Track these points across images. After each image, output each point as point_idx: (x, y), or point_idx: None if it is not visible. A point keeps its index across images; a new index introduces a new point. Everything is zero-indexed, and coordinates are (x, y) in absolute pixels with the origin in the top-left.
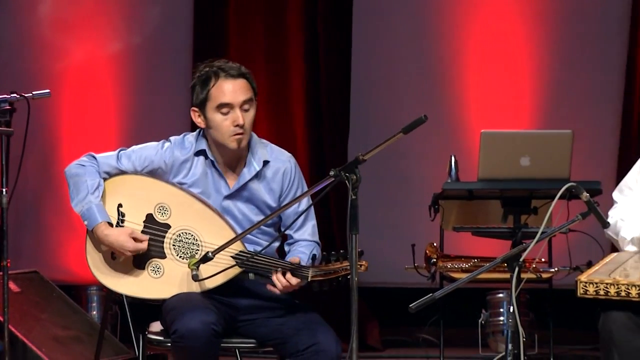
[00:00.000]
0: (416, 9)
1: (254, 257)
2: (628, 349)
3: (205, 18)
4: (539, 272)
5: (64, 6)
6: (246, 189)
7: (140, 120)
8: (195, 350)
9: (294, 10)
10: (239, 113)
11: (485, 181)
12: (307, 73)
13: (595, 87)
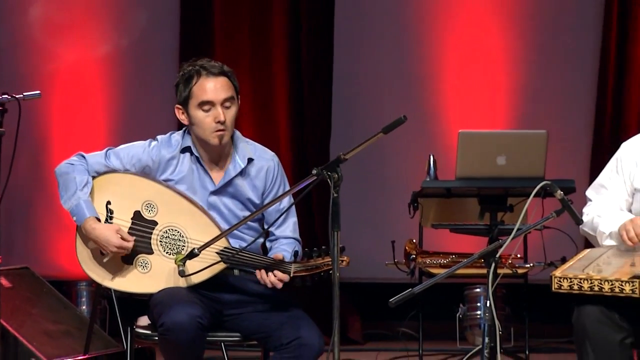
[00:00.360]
0: (397, 14)
1: (238, 253)
2: (601, 342)
3: (191, 22)
4: (515, 267)
5: (54, 10)
6: (231, 185)
7: (128, 120)
8: (182, 343)
9: (277, 14)
10: (220, 110)
11: (463, 180)
12: (290, 75)
13: (568, 88)
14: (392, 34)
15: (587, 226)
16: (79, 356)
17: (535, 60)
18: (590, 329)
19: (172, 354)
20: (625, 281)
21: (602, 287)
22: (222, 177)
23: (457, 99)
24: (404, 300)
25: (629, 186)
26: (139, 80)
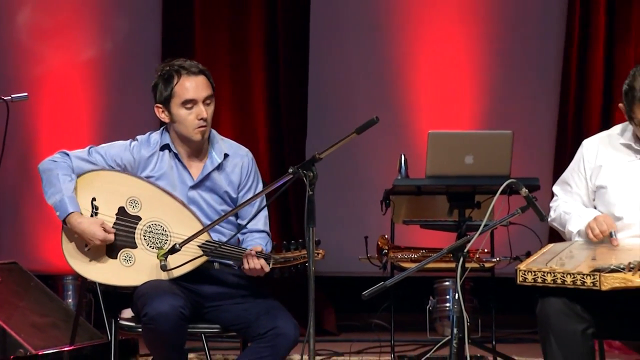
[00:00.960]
0: (370, 21)
1: (220, 246)
2: (563, 332)
3: (172, 27)
4: (482, 261)
5: (41, 16)
6: (209, 179)
7: (112, 120)
8: (164, 332)
9: (255, 21)
10: (202, 107)
11: (433, 178)
12: (267, 78)
13: (533, 90)
14: (365, 40)
15: (557, 222)
16: (64, 347)
17: (501, 65)
18: (554, 320)
19: (155, 344)
20: (586, 274)
21: (564, 280)
22: (200, 172)
23: (427, 101)
24: (376, 293)
25: (591, 184)
26: (122, 83)
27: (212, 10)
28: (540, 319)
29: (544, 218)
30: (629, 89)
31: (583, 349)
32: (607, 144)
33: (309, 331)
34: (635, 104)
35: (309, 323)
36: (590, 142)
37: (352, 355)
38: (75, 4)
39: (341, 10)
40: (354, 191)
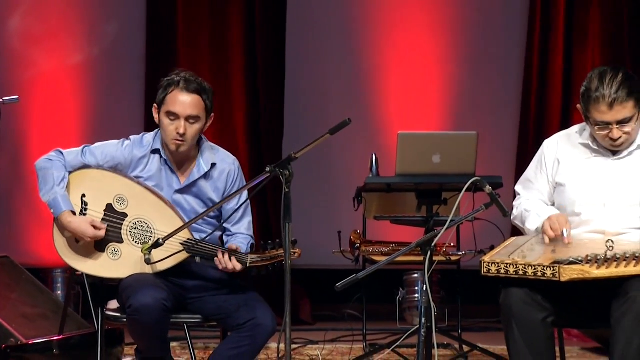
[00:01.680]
0: (343, 27)
1: (199, 243)
2: (525, 320)
3: (156, 33)
4: (449, 255)
5: (31, 22)
6: (195, 185)
7: (99, 122)
8: (148, 322)
9: (235, 26)
10: (183, 123)
11: (402, 176)
12: (246, 82)
13: (496, 93)
14: (339, 45)
15: (517, 219)
16: (54, 336)
17: (466, 69)
18: (516, 309)
19: (139, 334)
20: (546, 266)
21: (526, 271)
22: (187, 178)
23: (397, 104)
24: (349, 285)
25: (552, 181)
26: (109, 86)
27: (194, 18)
28: (503, 308)
29: (507, 214)
30: (586, 90)
31: (543, 336)
32: (566, 143)
33: (285, 321)
34: (591, 104)
35: (286, 313)
36: (551, 142)
37: (326, 344)
38: (64, 11)
39: (316, 18)
40: (328, 188)
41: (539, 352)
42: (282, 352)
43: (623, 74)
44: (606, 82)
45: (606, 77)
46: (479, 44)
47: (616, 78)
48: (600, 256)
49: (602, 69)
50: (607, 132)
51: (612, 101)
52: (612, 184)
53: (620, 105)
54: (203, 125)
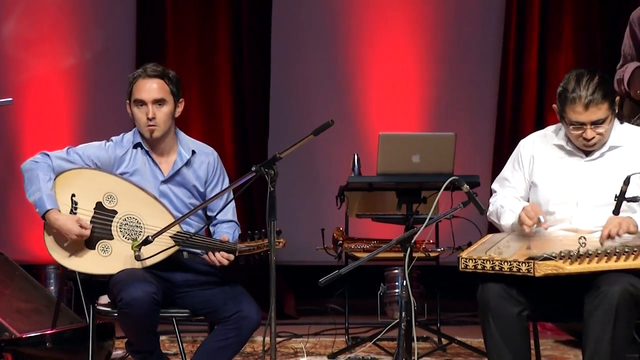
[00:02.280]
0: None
1: (191, 237)
2: (501, 314)
3: (146, 37)
4: (428, 251)
5: (25, 27)
6: (179, 174)
7: (90, 124)
8: (138, 316)
9: (222, 30)
10: (151, 108)
11: (383, 175)
12: (233, 84)
13: (473, 95)
14: (322, 50)
15: (493, 215)
16: (47, 330)
17: (445, 72)
18: (492, 304)
19: (129, 327)
20: (521, 262)
21: (502, 267)
22: (170, 168)
23: (378, 106)
24: (332, 280)
25: (528, 179)
26: (100, 89)
27: (182, 23)
28: (480, 302)
29: (484, 212)
30: (563, 91)
31: (519, 329)
32: (542, 143)
33: (270, 315)
34: (567, 105)
35: (271, 307)
36: (527, 141)
37: (310, 337)
38: (57, 16)
39: (300, 23)
40: (312, 187)
41: (515, 345)
42: (267, 345)
43: (599, 76)
44: (583, 84)
45: (583, 79)
46: (457, 48)
47: (592, 80)
48: (573, 252)
49: (579, 71)
50: (581, 132)
51: (587, 102)
52: (584, 184)
53: (595, 107)
54: (172, 109)
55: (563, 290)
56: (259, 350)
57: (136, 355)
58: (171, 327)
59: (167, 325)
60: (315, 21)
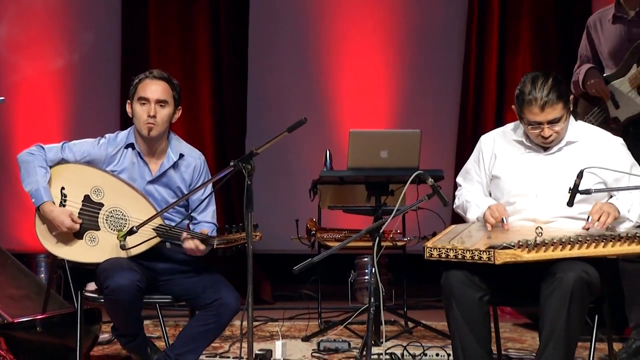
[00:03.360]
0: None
1: (171, 229)
2: (463, 299)
3: (130, 40)
4: (395, 241)
5: (16, 31)
6: (165, 176)
7: (78, 121)
8: (123, 302)
9: (202, 35)
10: (153, 106)
11: (353, 170)
12: (212, 84)
13: (438, 94)
14: (296, 52)
15: (460, 208)
16: (37, 315)
17: (410, 73)
18: (455, 289)
19: (115, 312)
20: (482, 251)
21: (464, 255)
22: (158, 169)
23: (348, 104)
24: (305, 268)
25: (488, 173)
26: (87, 89)
27: (164, 27)
28: (444, 288)
29: (447, 203)
30: (520, 93)
31: (480, 313)
32: (502, 139)
33: (248, 300)
34: (525, 106)
35: (248, 294)
36: (487, 138)
37: (285, 321)
38: (46, 20)
39: (276, 28)
40: (287, 181)
41: (476, 328)
42: (244, 328)
43: (553, 78)
44: (538, 86)
45: (538, 81)
46: (422, 50)
47: (547, 82)
48: (531, 241)
49: (534, 73)
50: (539, 131)
51: (543, 103)
52: (543, 177)
53: (550, 107)
54: (171, 112)
55: (521, 277)
56: (238, 334)
57: (121, 338)
58: (155, 312)
59: (151, 310)
60: (289, 27)
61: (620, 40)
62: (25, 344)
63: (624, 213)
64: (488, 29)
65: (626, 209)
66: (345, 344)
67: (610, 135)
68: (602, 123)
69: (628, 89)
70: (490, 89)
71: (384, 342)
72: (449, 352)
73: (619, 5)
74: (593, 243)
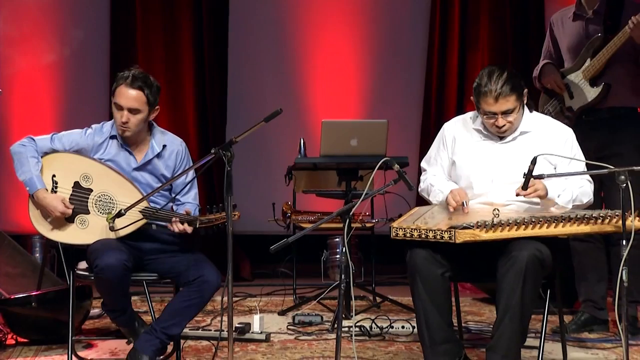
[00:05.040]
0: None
1: (156, 212)
2: (427, 276)
3: (118, 36)
4: (364, 222)
5: (10, 27)
6: (150, 164)
7: (69, 113)
8: (112, 280)
9: (185, 32)
10: (125, 113)
11: (326, 157)
12: (195, 78)
13: (403, 86)
14: (272, 47)
15: (424, 191)
16: (33, 292)
17: (378, 66)
18: (419, 266)
19: (104, 289)
20: (444, 230)
21: (427, 235)
22: (143, 157)
23: (321, 96)
24: (281, 248)
25: (450, 157)
26: (78, 82)
27: (150, 23)
28: (409, 265)
29: (412, 188)
30: (477, 86)
31: (442, 289)
32: (462, 127)
33: (228, 278)
34: (481, 98)
35: (228, 271)
36: (449, 125)
37: (263, 297)
38: (39, 18)
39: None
40: (264, 167)
41: (439, 302)
42: (225, 303)
43: (507, 72)
44: (493, 79)
45: (493, 75)
46: (389, 47)
47: (501, 76)
48: (488, 222)
49: (490, 67)
50: (493, 121)
51: (497, 95)
52: (498, 164)
53: (504, 99)
54: (145, 116)
55: (480, 255)
56: (219, 308)
57: (110, 313)
58: (141, 288)
59: (138, 287)
60: (266, 26)
61: (578, 36)
62: (21, 319)
63: (552, 196)
64: (450, 27)
65: (557, 193)
66: (318, 317)
67: (561, 125)
68: (559, 112)
69: (582, 81)
70: (452, 83)
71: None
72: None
73: (579, 4)
74: (545, 224)
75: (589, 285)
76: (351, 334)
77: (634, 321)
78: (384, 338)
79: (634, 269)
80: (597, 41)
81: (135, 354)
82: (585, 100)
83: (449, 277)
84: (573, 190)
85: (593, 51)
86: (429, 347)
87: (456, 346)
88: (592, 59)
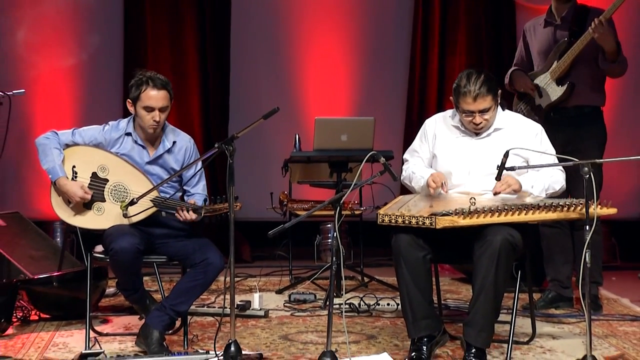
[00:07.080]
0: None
1: (166, 201)
2: (410, 258)
3: (131, 42)
4: (353, 210)
5: (33, 34)
6: (161, 158)
7: (87, 111)
8: (125, 262)
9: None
10: (157, 113)
11: (318, 151)
12: (199, 78)
13: (389, 86)
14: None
15: (406, 179)
16: (54, 273)
17: (366, 70)
18: (403, 250)
19: (118, 270)
20: (426, 217)
21: (410, 221)
22: (155, 152)
23: (314, 96)
24: (279, 233)
25: (431, 151)
26: (94, 83)
27: (159, 30)
28: (393, 249)
29: (396, 178)
30: (457, 86)
31: (423, 270)
32: (442, 123)
33: (230, 260)
34: (460, 97)
35: (230, 254)
36: (431, 121)
37: (261, 277)
38: (58, 25)
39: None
40: (262, 160)
41: (421, 282)
42: (227, 283)
43: (485, 74)
44: (472, 81)
45: (472, 77)
46: (376, 50)
47: (479, 78)
48: (466, 209)
49: (469, 70)
50: (471, 119)
51: (476, 95)
52: (475, 158)
53: (481, 99)
54: (169, 111)
55: (458, 239)
56: (222, 288)
57: (124, 292)
58: (152, 269)
59: (149, 268)
60: (264, 32)
61: (548, 42)
62: (43, 297)
63: (527, 188)
64: (430, 34)
65: (530, 184)
66: (312, 295)
67: (531, 122)
68: (530, 111)
69: (549, 81)
70: (432, 84)
71: (344, 294)
72: (398, 302)
73: (550, 12)
74: (517, 211)
75: (556, 266)
76: (342, 310)
77: (595, 299)
78: (371, 314)
79: (595, 252)
80: (563, 45)
81: (146, 328)
82: (552, 98)
83: (429, 259)
84: (544, 180)
85: (559, 54)
86: (412, 323)
87: (436, 321)
88: (559, 61)
